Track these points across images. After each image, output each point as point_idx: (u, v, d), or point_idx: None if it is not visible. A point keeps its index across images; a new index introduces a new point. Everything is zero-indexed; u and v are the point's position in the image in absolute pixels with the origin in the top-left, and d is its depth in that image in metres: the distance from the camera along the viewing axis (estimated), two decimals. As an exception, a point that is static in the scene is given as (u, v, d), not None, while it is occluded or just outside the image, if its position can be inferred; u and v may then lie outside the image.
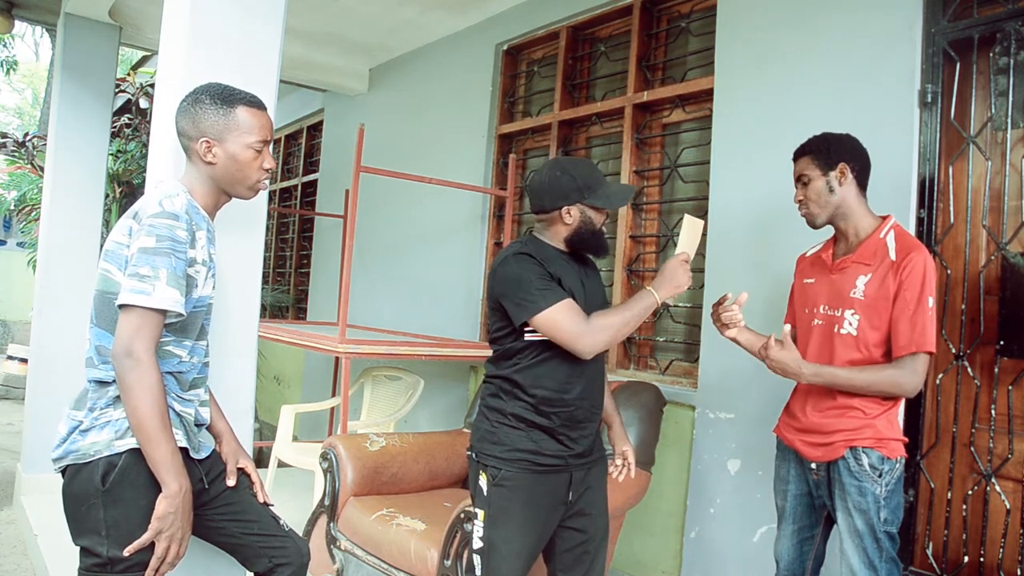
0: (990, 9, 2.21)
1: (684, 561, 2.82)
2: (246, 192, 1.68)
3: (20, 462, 3.97)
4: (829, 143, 1.95)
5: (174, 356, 1.57)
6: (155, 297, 1.44)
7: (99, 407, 1.52)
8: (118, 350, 1.44)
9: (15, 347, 8.08)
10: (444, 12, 4.22)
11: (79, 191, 4.02)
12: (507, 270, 1.90)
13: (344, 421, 3.16)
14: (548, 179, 1.97)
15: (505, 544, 1.90)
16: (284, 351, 5.66)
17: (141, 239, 1.47)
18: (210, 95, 1.61)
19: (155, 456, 1.45)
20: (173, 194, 1.56)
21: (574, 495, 1.97)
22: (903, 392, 1.84)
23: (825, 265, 2.01)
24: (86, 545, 1.50)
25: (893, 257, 1.85)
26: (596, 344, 1.84)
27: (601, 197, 1.94)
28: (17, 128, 16.21)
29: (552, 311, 1.82)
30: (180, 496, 1.47)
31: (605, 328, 1.84)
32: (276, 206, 6.71)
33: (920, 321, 1.79)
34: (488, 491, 1.92)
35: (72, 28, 4.04)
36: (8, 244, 12.04)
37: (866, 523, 1.82)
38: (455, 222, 4.31)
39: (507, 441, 1.91)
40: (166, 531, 1.47)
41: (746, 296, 2.01)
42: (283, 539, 1.74)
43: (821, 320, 1.96)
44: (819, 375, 1.87)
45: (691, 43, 3.27)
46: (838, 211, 1.95)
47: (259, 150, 1.64)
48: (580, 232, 1.96)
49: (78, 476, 1.49)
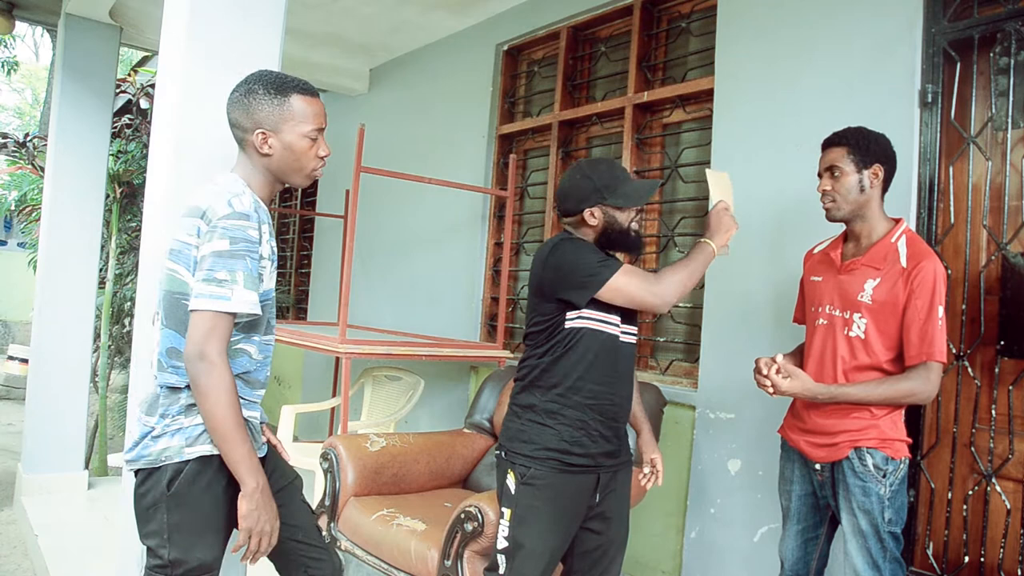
0: (990, 9, 2.21)
1: (684, 561, 2.82)
2: (302, 180, 1.65)
3: (21, 462, 3.97)
4: (868, 140, 1.93)
5: (244, 354, 1.57)
6: (234, 301, 1.44)
7: (171, 414, 1.52)
8: (191, 353, 1.43)
9: (15, 347, 8.09)
10: (444, 12, 4.22)
11: (79, 191, 4.03)
12: (561, 255, 1.92)
13: (344, 421, 3.16)
14: (569, 183, 2.01)
15: (531, 544, 1.90)
16: (284, 351, 5.65)
17: (215, 242, 1.45)
18: (263, 84, 1.57)
19: (233, 456, 1.46)
20: (239, 192, 1.53)
21: (600, 497, 1.98)
22: (918, 401, 1.86)
23: (833, 264, 2.00)
24: (151, 546, 1.52)
25: (904, 264, 1.84)
26: (668, 295, 1.88)
27: (621, 196, 1.96)
28: (17, 128, 16.21)
29: (620, 276, 1.86)
30: (259, 492, 1.48)
31: (673, 281, 1.88)
32: (276, 206, 6.71)
33: (931, 330, 1.79)
34: (516, 490, 1.93)
35: (72, 28, 4.04)
36: (8, 244, 12.05)
37: (870, 523, 1.82)
38: (455, 222, 4.31)
39: (537, 439, 1.92)
40: (255, 527, 1.48)
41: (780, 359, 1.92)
42: (322, 551, 1.75)
43: (825, 320, 1.96)
44: (833, 397, 1.86)
45: (691, 43, 3.27)
46: (860, 211, 1.94)
47: (314, 138, 1.61)
48: (607, 232, 1.98)
49: (148, 480, 1.51)
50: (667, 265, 1.98)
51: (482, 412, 3.15)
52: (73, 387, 3.89)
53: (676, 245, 3.20)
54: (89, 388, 4.05)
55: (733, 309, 2.74)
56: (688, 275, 1.90)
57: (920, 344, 1.80)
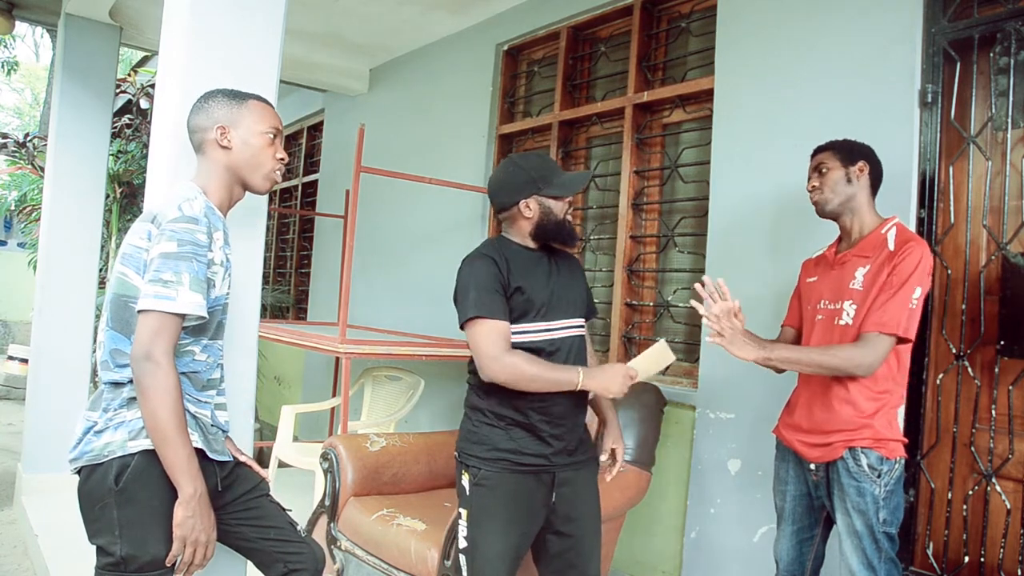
0: (990, 9, 2.21)
1: (684, 561, 2.82)
2: (261, 182, 1.69)
3: (21, 462, 3.97)
4: (851, 144, 2.02)
5: (188, 353, 1.58)
6: (179, 302, 1.45)
7: (113, 408, 1.52)
8: (137, 353, 1.44)
9: (15, 347, 8.08)
10: (444, 12, 4.22)
11: (79, 191, 4.02)
12: (460, 274, 1.95)
13: (344, 421, 3.16)
14: (502, 176, 2.00)
15: (487, 544, 1.90)
16: (284, 351, 5.66)
17: (162, 244, 1.47)
18: (221, 92, 1.67)
19: (171, 459, 1.46)
20: (191, 197, 1.56)
21: (557, 496, 1.96)
22: (857, 370, 1.80)
23: (827, 261, 2.04)
24: (101, 544, 1.51)
25: (891, 247, 1.87)
26: (496, 376, 1.84)
27: (556, 186, 1.96)
28: (17, 128, 16.20)
29: (477, 326, 1.86)
30: (196, 499, 1.47)
31: (516, 369, 1.83)
32: (276, 206, 6.71)
33: (895, 304, 1.78)
34: (470, 491, 1.94)
35: (72, 28, 4.04)
36: (9, 244, 12.04)
37: (865, 524, 1.82)
38: (455, 222, 4.31)
39: (488, 440, 1.93)
40: (189, 536, 1.48)
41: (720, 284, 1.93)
42: (299, 545, 1.75)
43: (822, 315, 1.98)
44: (768, 359, 1.86)
45: (691, 43, 3.27)
46: (848, 204, 1.98)
47: (272, 137, 1.68)
48: (543, 223, 1.97)
49: (92, 476, 1.50)
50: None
51: (482, 412, 3.14)
52: (73, 387, 3.88)
53: (676, 245, 3.20)
54: (89, 388, 4.05)
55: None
56: (533, 378, 1.83)
57: (876, 314, 1.80)
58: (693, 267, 3.10)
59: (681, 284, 3.19)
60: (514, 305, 1.91)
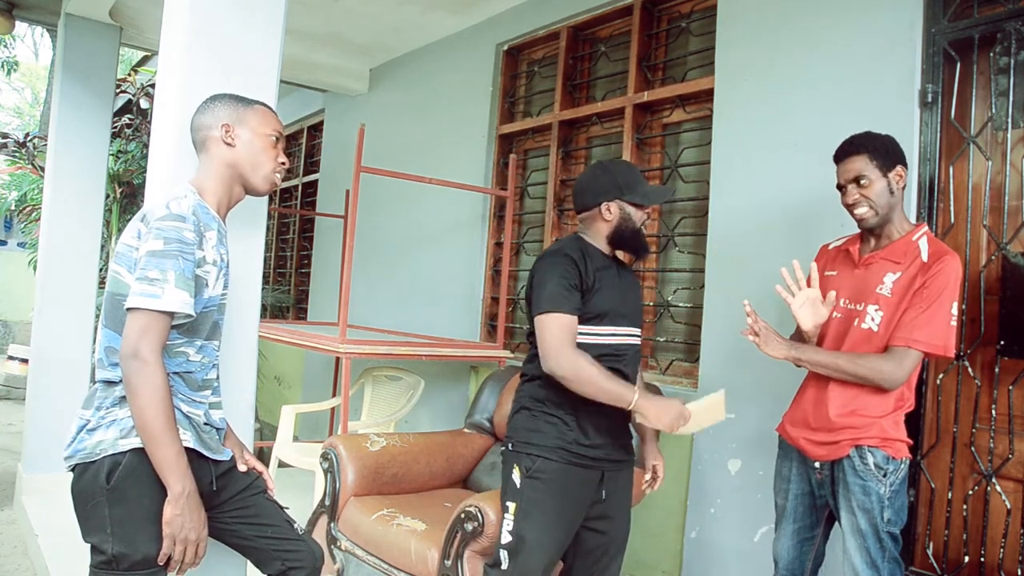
0: (990, 9, 2.21)
1: (684, 561, 2.82)
2: (261, 182, 1.70)
3: (21, 462, 3.97)
4: (885, 144, 1.90)
5: (182, 355, 1.58)
6: (164, 300, 1.45)
7: (105, 406, 1.53)
8: (125, 351, 1.45)
9: (15, 347, 8.08)
10: (444, 12, 4.22)
11: (79, 191, 4.02)
12: (539, 268, 1.97)
13: (344, 421, 3.16)
14: (589, 177, 2.06)
15: (535, 538, 1.91)
16: (284, 351, 5.66)
17: (149, 242, 1.48)
18: (228, 95, 1.70)
19: (159, 457, 1.46)
20: (180, 196, 1.57)
21: (605, 493, 2.00)
22: (883, 383, 1.81)
23: (851, 259, 1.99)
24: (93, 543, 1.51)
25: (925, 259, 1.84)
26: (558, 371, 1.86)
27: (639, 194, 2.01)
28: (17, 128, 16.20)
29: (548, 318, 1.87)
30: (184, 497, 1.47)
31: (579, 368, 1.85)
32: (276, 206, 6.71)
33: (929, 321, 1.77)
34: (521, 483, 1.94)
35: (72, 28, 4.04)
36: (9, 244, 12.05)
37: (869, 523, 1.81)
38: (455, 222, 4.31)
39: (546, 431, 1.95)
40: (179, 534, 1.48)
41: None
42: (297, 543, 1.75)
43: (840, 313, 1.95)
44: (797, 359, 1.88)
45: (691, 43, 3.27)
46: (891, 214, 1.91)
47: (275, 140, 1.70)
48: (621, 229, 2.01)
49: (85, 474, 1.50)
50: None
51: (482, 412, 3.14)
52: (73, 387, 3.88)
53: (676, 245, 3.20)
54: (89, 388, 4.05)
55: (733, 309, 2.73)
56: (592, 383, 1.85)
57: (907, 328, 1.79)
58: (693, 267, 3.10)
59: (681, 284, 3.19)
60: (588, 306, 1.93)
